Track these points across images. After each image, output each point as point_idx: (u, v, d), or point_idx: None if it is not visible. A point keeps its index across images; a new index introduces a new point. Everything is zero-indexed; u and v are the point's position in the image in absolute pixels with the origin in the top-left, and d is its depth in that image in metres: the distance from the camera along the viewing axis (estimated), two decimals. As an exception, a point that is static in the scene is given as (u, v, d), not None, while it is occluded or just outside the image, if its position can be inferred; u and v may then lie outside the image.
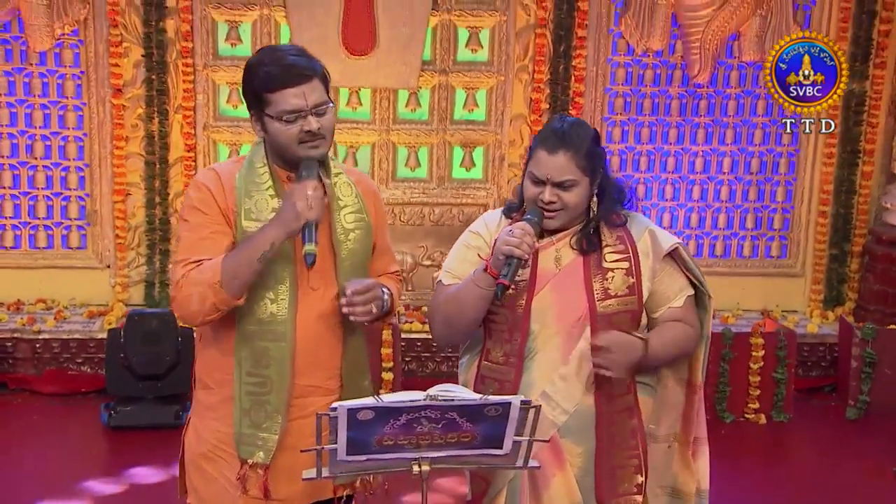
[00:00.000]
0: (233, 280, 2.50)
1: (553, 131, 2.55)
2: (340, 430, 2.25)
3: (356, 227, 2.71)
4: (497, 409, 2.24)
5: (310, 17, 5.93)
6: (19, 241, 6.14)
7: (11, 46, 5.98)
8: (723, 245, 6.47)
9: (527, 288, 2.54)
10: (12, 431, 5.37)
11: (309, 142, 2.57)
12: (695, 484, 2.68)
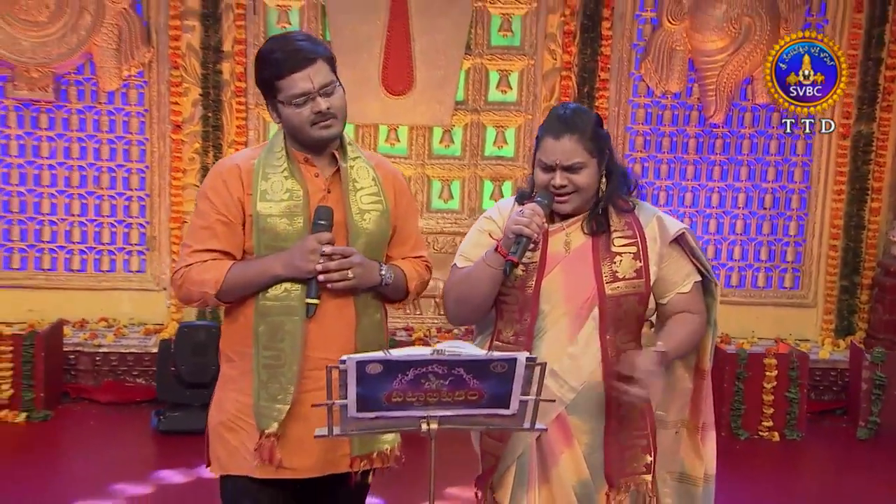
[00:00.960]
0: (230, 294, 2.57)
1: (557, 118, 2.50)
2: (350, 384, 2.19)
3: (372, 209, 2.65)
4: (503, 366, 2.18)
5: (353, 60, 5.98)
6: (85, 265, 6.28)
7: (84, 87, 6.18)
8: (738, 276, 6.47)
9: (537, 270, 2.48)
10: (72, 435, 5.54)
11: (321, 122, 2.55)
12: (703, 469, 2.61)
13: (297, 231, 2.56)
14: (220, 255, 2.59)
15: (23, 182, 6.28)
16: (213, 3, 6.10)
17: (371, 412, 2.22)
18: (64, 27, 6.11)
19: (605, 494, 2.48)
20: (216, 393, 2.72)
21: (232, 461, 2.62)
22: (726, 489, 4.78)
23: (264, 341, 2.55)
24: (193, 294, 2.60)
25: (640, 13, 6.32)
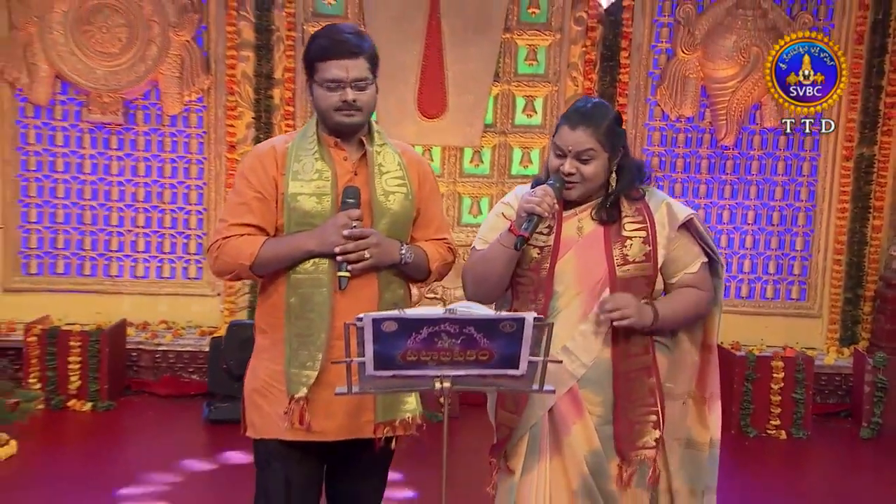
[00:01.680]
0: (263, 267, 2.57)
1: (577, 109, 2.52)
2: (367, 342, 2.17)
3: (397, 191, 2.64)
4: (512, 326, 2.16)
5: (391, 86, 5.92)
6: (148, 272, 6.34)
7: (150, 111, 6.26)
8: (748, 288, 6.39)
9: (551, 253, 2.48)
10: (132, 424, 5.61)
11: (344, 110, 2.54)
12: (708, 436, 2.60)
13: (325, 210, 2.55)
14: (254, 230, 2.58)
15: (94, 197, 6.35)
16: (266, 36, 6.17)
17: (388, 370, 2.20)
18: (133, 57, 6.20)
19: (616, 465, 2.45)
20: (251, 363, 2.73)
21: (265, 425, 2.61)
22: (736, 483, 4.79)
23: (295, 312, 2.54)
24: (229, 266, 2.60)
25: (655, 44, 6.31)
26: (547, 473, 2.46)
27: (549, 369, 2.38)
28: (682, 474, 2.58)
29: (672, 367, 2.58)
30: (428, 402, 5.65)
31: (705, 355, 2.62)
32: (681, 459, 2.59)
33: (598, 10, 6.06)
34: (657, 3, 6.24)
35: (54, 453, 5.11)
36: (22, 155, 6.33)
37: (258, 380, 2.65)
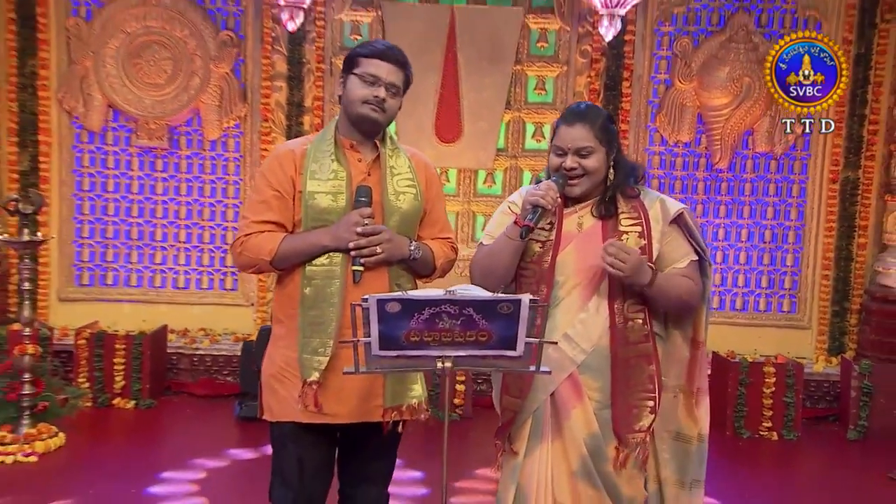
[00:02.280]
0: (282, 262, 2.56)
1: (571, 110, 2.54)
2: (372, 322, 2.15)
3: (406, 191, 2.63)
4: (509, 307, 2.14)
5: (412, 112, 6.02)
6: (188, 284, 6.41)
7: (192, 136, 6.34)
8: (742, 301, 6.35)
9: (552, 246, 2.47)
10: (171, 421, 5.66)
11: (372, 104, 2.53)
12: (696, 429, 2.55)
13: (340, 207, 2.54)
14: (274, 227, 2.58)
15: (141, 215, 6.43)
16: (297, 68, 6.24)
17: (392, 351, 2.18)
18: (177, 88, 6.30)
19: (614, 448, 2.42)
20: (267, 350, 2.71)
21: (280, 408, 2.61)
22: (730, 480, 4.79)
23: (309, 303, 2.53)
24: (251, 261, 2.60)
25: (654, 75, 6.33)
26: (548, 455, 2.45)
27: (550, 356, 2.38)
28: (671, 465, 2.56)
29: (664, 360, 2.54)
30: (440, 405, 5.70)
31: (694, 351, 2.56)
32: (670, 450, 2.56)
33: (601, 43, 6.08)
34: (656, 37, 6.26)
35: (98, 445, 5.15)
36: (77, 176, 6.41)
37: (274, 366, 2.64)
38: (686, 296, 2.46)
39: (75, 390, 5.36)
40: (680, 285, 2.45)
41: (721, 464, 5.10)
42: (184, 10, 6.22)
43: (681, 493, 2.55)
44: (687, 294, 2.47)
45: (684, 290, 2.46)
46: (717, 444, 5.34)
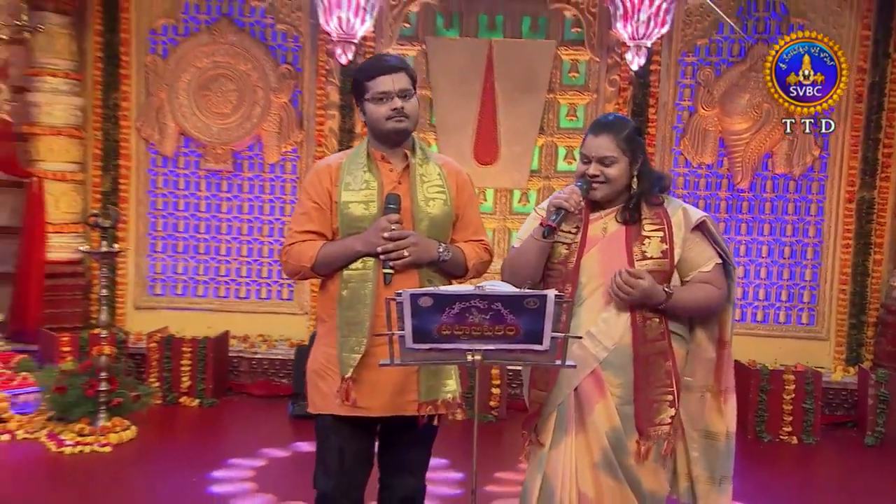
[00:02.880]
0: (322, 267, 2.56)
1: (599, 121, 2.53)
2: (406, 316, 2.13)
3: (436, 197, 2.61)
4: (535, 302, 2.10)
5: (453, 137, 6.17)
6: (249, 294, 6.45)
7: (253, 160, 6.40)
8: (763, 313, 6.23)
9: (577, 249, 2.44)
10: (231, 418, 5.69)
11: (395, 118, 2.52)
12: (724, 427, 2.49)
13: (372, 214, 2.53)
14: (315, 236, 2.59)
15: (207, 231, 6.52)
16: (348, 98, 6.16)
17: (425, 343, 2.16)
18: (241, 117, 6.39)
19: (635, 441, 2.38)
20: (312, 349, 2.72)
21: (322, 402, 2.61)
22: (751, 481, 4.67)
23: (346, 303, 2.53)
24: (295, 267, 2.61)
25: (679, 102, 6.27)
26: (572, 447, 2.41)
27: (574, 352, 2.34)
28: (701, 462, 2.50)
29: (690, 360, 2.50)
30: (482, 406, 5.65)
31: (720, 351, 2.51)
32: (700, 448, 2.50)
33: (629, 73, 6.06)
34: (680, 67, 6.22)
35: (165, 438, 5.22)
36: (151, 197, 6.52)
37: (317, 362, 2.64)
38: (706, 302, 2.43)
39: (146, 388, 5.45)
40: (699, 295, 2.42)
41: (743, 465, 4.93)
42: (248, 47, 6.32)
43: (711, 490, 2.50)
44: (707, 301, 2.43)
45: (703, 298, 2.42)
46: (739, 447, 5.14)
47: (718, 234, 2.49)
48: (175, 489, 4.20)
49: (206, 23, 6.36)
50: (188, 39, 6.37)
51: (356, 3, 5.68)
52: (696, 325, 2.51)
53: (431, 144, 6.27)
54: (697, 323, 2.51)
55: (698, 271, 2.43)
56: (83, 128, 6.31)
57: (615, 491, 2.36)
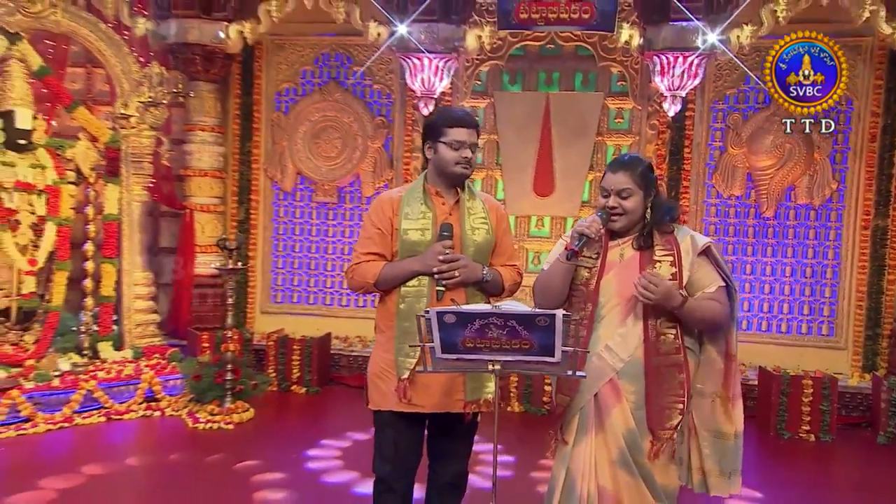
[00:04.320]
0: (383, 284, 2.55)
1: (617, 160, 2.43)
2: (434, 330, 2.08)
3: (480, 227, 2.59)
4: (545, 320, 2.02)
5: (516, 174, 6.13)
6: (349, 303, 6.47)
7: (353, 194, 6.48)
8: (786, 325, 5.94)
9: (597, 272, 2.36)
10: (329, 405, 5.67)
11: (462, 164, 2.52)
12: (733, 428, 2.40)
13: (427, 240, 2.52)
14: (376, 257, 2.58)
15: (317, 252, 6.65)
16: None
17: (452, 354, 2.13)
18: (344, 159, 6.50)
19: (649, 442, 2.30)
20: (372, 354, 2.69)
21: (381, 399, 2.60)
22: (770, 472, 4.52)
23: (403, 315, 2.51)
24: (359, 283, 2.60)
25: (711, 143, 6.07)
26: (592, 446, 2.34)
27: (594, 363, 2.31)
28: (712, 458, 2.40)
29: (701, 371, 2.40)
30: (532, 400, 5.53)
31: (728, 363, 2.40)
32: (711, 447, 2.40)
33: (666, 118, 5.90)
34: (712, 113, 6.02)
35: (277, 419, 5.26)
36: (274, 224, 6.69)
37: (376, 366, 2.62)
38: (713, 315, 2.32)
39: (263, 378, 5.54)
40: (707, 308, 2.31)
41: (763, 459, 4.81)
42: (350, 103, 6.44)
43: (721, 481, 2.40)
44: (713, 314, 2.32)
45: (710, 312, 2.31)
46: (761, 443, 5.09)
47: (721, 260, 2.38)
48: (280, 462, 4.27)
49: (318, 85, 6.51)
50: (304, 98, 6.53)
51: (436, 66, 5.75)
52: (706, 341, 2.41)
53: (498, 180, 6.28)
54: (707, 339, 2.40)
55: (703, 292, 2.33)
56: (224, 170, 6.52)
57: (631, 486, 2.28)
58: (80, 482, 3.91)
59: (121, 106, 5.71)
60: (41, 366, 5.08)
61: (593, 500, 2.30)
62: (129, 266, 5.81)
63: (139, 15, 5.95)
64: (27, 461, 4.20)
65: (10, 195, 5.20)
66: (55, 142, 5.53)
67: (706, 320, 2.33)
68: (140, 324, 5.81)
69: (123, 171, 5.76)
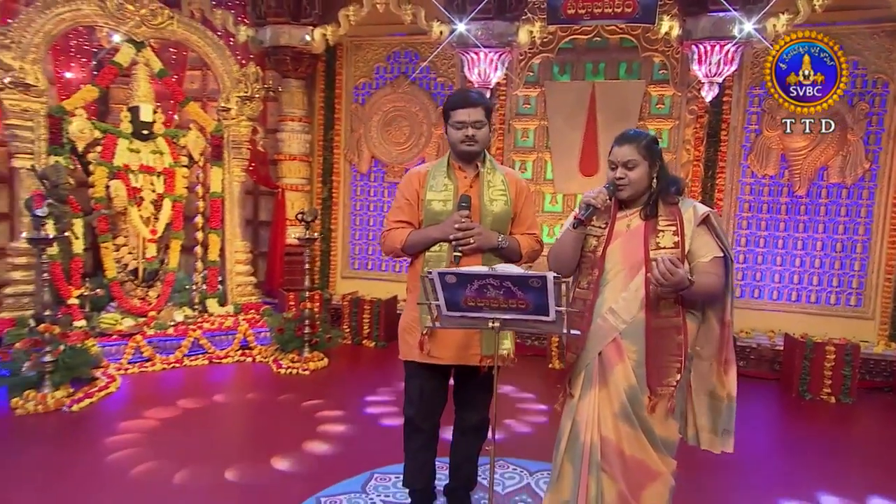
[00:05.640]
0: (410, 249, 2.54)
1: (622, 134, 2.33)
2: (438, 290, 2.02)
3: (499, 198, 2.54)
4: (537, 282, 1.93)
5: (565, 157, 6.10)
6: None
7: None
8: (816, 296, 5.69)
9: (604, 241, 2.28)
10: (386, 358, 5.52)
11: (467, 142, 2.48)
12: (726, 391, 2.31)
13: (448, 210, 2.51)
14: (405, 225, 2.58)
15: (389, 225, 6.78)
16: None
17: (457, 312, 2.08)
18: (411, 144, 6.57)
19: (647, 397, 2.24)
20: (403, 312, 2.68)
21: (408, 351, 2.61)
22: (793, 430, 4.43)
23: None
24: (389, 248, 2.60)
25: (747, 126, 5.81)
26: (596, 399, 2.30)
27: (598, 325, 2.24)
28: (705, 416, 2.35)
29: (701, 335, 2.32)
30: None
31: (723, 330, 2.30)
32: (706, 406, 2.35)
33: (704, 104, 5.71)
34: (748, 98, 5.76)
35: (346, 368, 5.36)
36: (353, 202, 6.81)
37: (405, 322, 2.62)
38: (712, 288, 2.21)
39: (338, 332, 5.72)
40: (707, 282, 2.19)
41: (783, 417, 4.66)
42: (417, 95, 6.49)
43: (713, 438, 2.35)
44: (713, 287, 2.21)
45: (710, 285, 2.20)
46: (783, 403, 4.94)
47: (721, 230, 2.25)
48: (343, 403, 4.39)
49: (389, 79, 6.59)
50: (377, 91, 6.62)
51: (490, 59, 5.79)
52: (707, 309, 2.33)
53: (547, 162, 6.24)
54: (708, 307, 2.32)
55: (698, 261, 2.22)
56: (310, 155, 6.66)
57: (631, 436, 2.24)
58: (177, 413, 4.16)
59: (223, 100, 6.05)
60: (160, 317, 5.47)
61: (596, 448, 2.27)
62: (230, 236, 6.13)
63: (241, 24, 6.28)
64: (143, 394, 4.52)
65: (136, 176, 5.57)
66: (171, 132, 5.88)
67: (707, 294, 2.24)
68: (240, 284, 6.13)
69: (225, 155, 6.07)
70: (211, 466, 3.39)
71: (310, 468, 3.40)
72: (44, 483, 3.16)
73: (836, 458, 3.89)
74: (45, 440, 3.70)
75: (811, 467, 3.72)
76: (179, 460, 3.45)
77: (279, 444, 3.69)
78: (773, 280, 5.78)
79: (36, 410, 4.06)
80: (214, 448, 3.65)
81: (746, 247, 5.84)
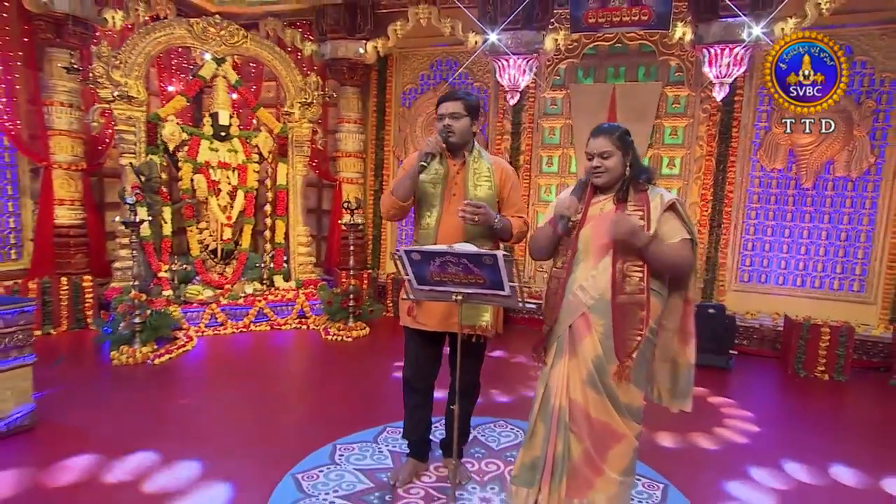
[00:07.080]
0: (398, 189, 2.46)
1: (598, 127, 2.29)
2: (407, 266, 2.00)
3: (483, 184, 2.52)
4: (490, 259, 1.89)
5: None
6: None
7: None
8: (820, 282, 5.47)
9: (578, 224, 2.26)
10: None
11: (445, 132, 2.48)
12: (686, 359, 2.30)
13: (437, 190, 2.50)
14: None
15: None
16: (517, 127, 6.25)
17: (426, 286, 2.06)
18: (452, 142, 6.69)
19: (614, 366, 2.20)
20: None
21: (403, 318, 2.64)
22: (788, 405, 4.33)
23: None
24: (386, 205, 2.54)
25: (757, 123, 5.60)
26: (567, 367, 2.28)
27: (569, 300, 2.22)
28: (666, 381, 2.35)
29: (666, 311, 2.31)
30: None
31: (686, 306, 2.29)
32: (668, 372, 2.34)
33: (717, 103, 5.56)
34: (758, 97, 5.54)
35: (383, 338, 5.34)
36: None
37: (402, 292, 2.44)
38: (676, 258, 2.17)
39: (381, 306, 5.86)
40: (670, 252, 2.16)
41: (777, 391, 4.53)
42: None
43: (672, 400, 2.35)
44: (676, 257, 2.16)
45: (674, 255, 2.16)
46: (778, 379, 4.82)
47: (686, 216, 2.22)
48: (376, 367, 4.49)
49: (432, 85, 6.64)
50: (422, 96, 6.66)
51: (519, 65, 5.85)
52: (672, 287, 2.27)
53: (572, 157, 6.18)
54: (673, 286, 2.29)
55: (668, 242, 2.18)
56: (363, 152, 6.76)
57: (597, 401, 2.23)
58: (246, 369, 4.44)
59: (287, 106, 6.35)
60: (234, 289, 5.77)
61: (564, 411, 2.27)
62: (294, 222, 6.36)
63: (307, 40, 6.56)
64: (214, 352, 4.80)
65: (215, 171, 5.87)
66: (245, 133, 6.18)
67: (670, 264, 2.18)
68: (301, 263, 6.34)
69: (290, 153, 6.29)
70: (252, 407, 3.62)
71: (332, 419, 3.52)
72: (128, 419, 3.46)
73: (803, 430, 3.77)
74: (132, 387, 4.06)
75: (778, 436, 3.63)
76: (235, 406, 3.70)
77: (310, 397, 3.85)
78: (780, 266, 5.59)
79: (128, 362, 4.45)
80: (260, 396, 3.86)
81: (755, 235, 5.65)
